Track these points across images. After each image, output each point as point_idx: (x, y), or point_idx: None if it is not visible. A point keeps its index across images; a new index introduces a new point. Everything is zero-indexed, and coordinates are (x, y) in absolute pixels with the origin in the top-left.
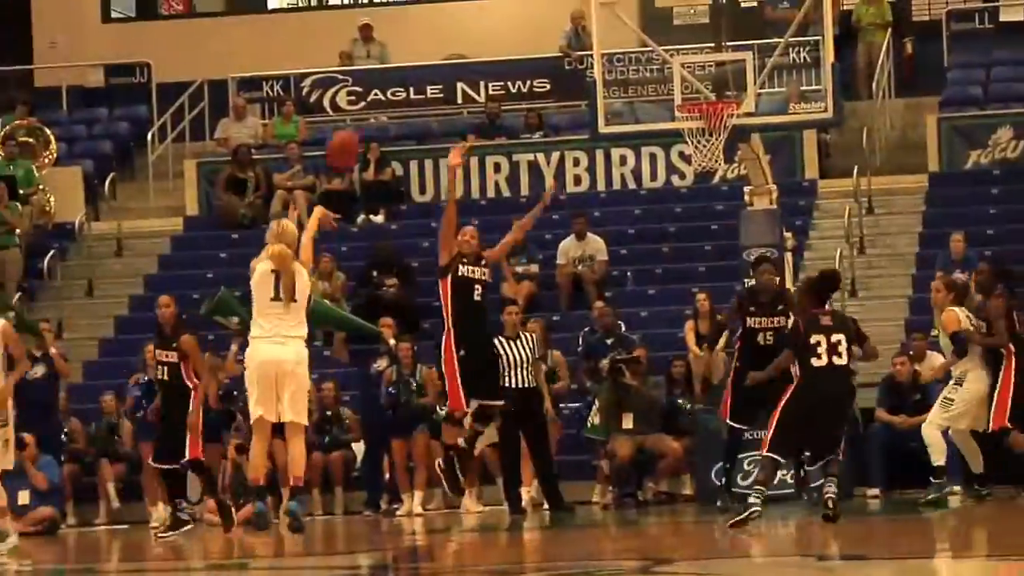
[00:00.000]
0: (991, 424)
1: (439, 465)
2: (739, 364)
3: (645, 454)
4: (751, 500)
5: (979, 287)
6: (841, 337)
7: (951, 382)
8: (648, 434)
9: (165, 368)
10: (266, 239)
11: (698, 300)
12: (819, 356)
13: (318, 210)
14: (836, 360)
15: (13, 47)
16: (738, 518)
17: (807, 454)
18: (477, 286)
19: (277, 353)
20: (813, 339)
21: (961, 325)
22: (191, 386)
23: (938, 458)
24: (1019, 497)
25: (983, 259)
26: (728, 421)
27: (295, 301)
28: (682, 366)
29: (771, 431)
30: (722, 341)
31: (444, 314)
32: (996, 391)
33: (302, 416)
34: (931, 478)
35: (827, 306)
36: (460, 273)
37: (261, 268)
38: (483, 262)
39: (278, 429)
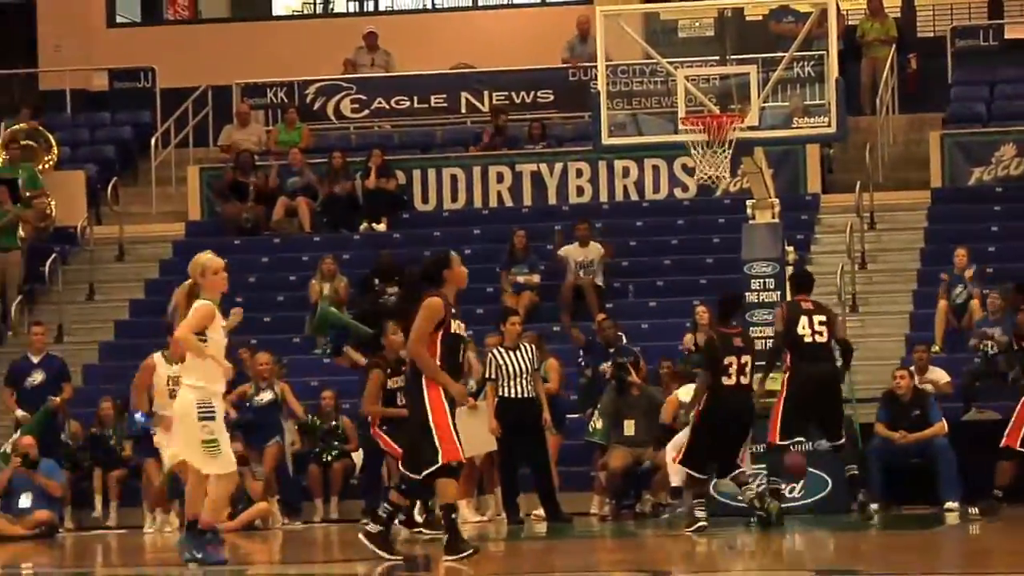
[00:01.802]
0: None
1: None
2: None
3: (643, 466)
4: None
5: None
6: (749, 358)
7: None
8: (649, 439)
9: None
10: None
11: (697, 312)
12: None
13: (236, 313)
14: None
15: (19, 50)
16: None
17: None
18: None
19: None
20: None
21: None
22: None
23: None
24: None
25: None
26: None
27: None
28: (669, 367)
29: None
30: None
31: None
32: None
33: (207, 467)
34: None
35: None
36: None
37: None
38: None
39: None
